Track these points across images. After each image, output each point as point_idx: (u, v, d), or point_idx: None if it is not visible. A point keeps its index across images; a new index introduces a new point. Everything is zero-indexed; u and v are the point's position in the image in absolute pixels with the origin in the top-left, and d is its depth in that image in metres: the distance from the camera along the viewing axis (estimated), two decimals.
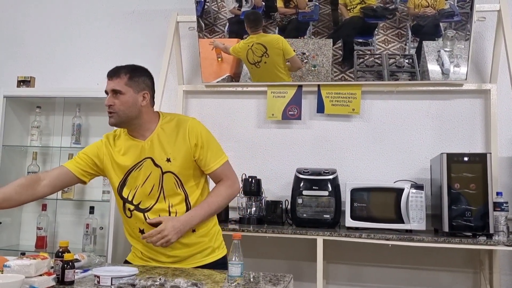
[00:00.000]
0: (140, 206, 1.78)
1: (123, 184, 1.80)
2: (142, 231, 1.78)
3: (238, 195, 2.86)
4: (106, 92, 1.80)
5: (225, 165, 1.85)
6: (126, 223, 1.85)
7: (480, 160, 2.44)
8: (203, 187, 1.87)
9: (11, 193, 1.75)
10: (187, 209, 1.79)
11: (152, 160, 1.78)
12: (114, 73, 1.79)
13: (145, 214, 1.77)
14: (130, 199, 1.79)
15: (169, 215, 1.77)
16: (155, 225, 1.71)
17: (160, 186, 1.77)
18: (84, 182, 1.89)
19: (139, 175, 1.78)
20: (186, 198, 1.80)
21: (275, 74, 3.08)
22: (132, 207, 1.79)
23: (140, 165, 1.78)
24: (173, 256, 1.79)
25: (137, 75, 1.81)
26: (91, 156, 1.85)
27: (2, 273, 1.24)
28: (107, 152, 1.84)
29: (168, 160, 1.77)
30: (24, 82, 3.21)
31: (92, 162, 1.85)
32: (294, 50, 3.03)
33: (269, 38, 3.05)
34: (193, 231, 1.80)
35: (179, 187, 1.78)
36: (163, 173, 1.77)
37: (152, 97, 1.86)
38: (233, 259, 1.49)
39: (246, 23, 3.08)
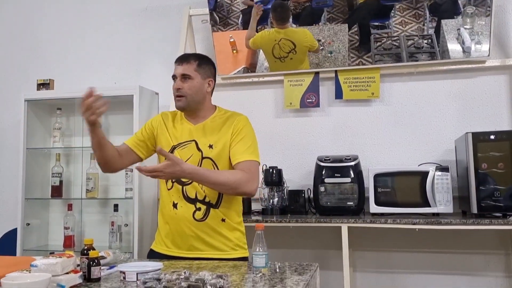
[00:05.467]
0: (181, 179, 1.82)
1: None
2: (175, 206, 1.83)
3: (260, 186, 2.85)
4: (174, 77, 1.89)
5: (253, 163, 1.83)
6: (164, 198, 1.89)
7: (507, 138, 2.38)
8: None
9: (113, 151, 1.87)
10: (219, 198, 1.83)
11: (196, 143, 1.86)
12: (184, 59, 1.89)
13: (184, 187, 1.83)
14: None
15: (203, 198, 1.81)
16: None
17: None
18: (141, 159, 1.95)
19: (181, 153, 1.85)
20: None
21: (298, 68, 3.06)
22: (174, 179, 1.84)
23: (185, 145, 1.87)
24: (194, 239, 1.81)
25: (204, 63, 1.92)
26: (148, 128, 1.95)
27: (29, 272, 1.26)
28: (163, 125, 1.93)
29: (210, 146, 1.84)
30: (44, 85, 3.26)
31: (150, 133, 1.93)
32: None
33: (297, 35, 2.99)
34: (223, 220, 1.83)
35: None
36: (202, 157, 1.84)
37: (214, 86, 1.96)
38: (257, 250, 1.48)
39: (272, 16, 3.02)
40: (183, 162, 1.70)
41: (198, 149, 1.85)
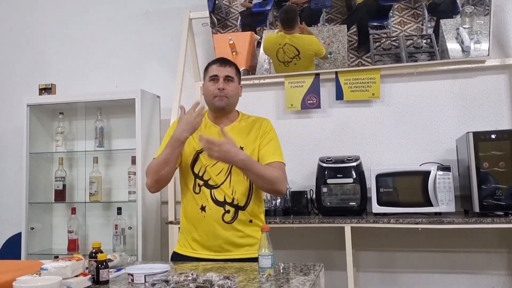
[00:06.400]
0: (209, 183, 1.87)
1: (195, 160, 1.90)
2: (203, 208, 1.85)
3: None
4: (214, 77, 1.91)
5: (282, 165, 1.91)
6: (188, 201, 1.90)
7: (508, 137, 2.39)
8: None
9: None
10: (247, 200, 1.86)
11: None
12: (226, 62, 1.95)
13: (212, 191, 1.86)
14: (200, 174, 1.88)
15: (232, 201, 1.84)
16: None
17: (229, 171, 1.86)
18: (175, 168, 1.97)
19: None
20: (250, 188, 1.88)
21: None
22: (201, 183, 1.87)
23: None
24: (223, 241, 1.83)
25: (238, 69, 2.00)
26: None
27: (40, 276, 1.27)
28: None
29: (241, 148, 1.86)
30: (46, 89, 3.27)
31: None
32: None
33: (302, 42, 2.99)
34: (250, 221, 1.87)
35: (246, 176, 1.86)
36: None
37: None
38: (263, 251, 1.49)
39: (279, 20, 3.03)
40: (239, 149, 1.76)
41: None
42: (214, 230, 1.83)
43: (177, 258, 1.90)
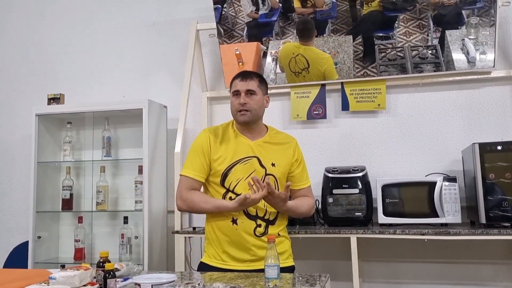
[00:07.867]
0: None
1: (226, 174, 1.92)
2: (235, 221, 1.89)
3: None
4: (236, 92, 1.96)
5: (310, 187, 2.13)
6: (219, 213, 1.91)
7: None
8: None
9: None
10: (276, 216, 1.96)
11: (259, 160, 1.93)
12: (247, 75, 2.00)
13: None
14: (231, 188, 1.91)
15: (264, 214, 1.92)
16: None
17: None
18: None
19: (243, 169, 1.91)
20: None
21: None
22: (234, 196, 1.90)
23: (247, 161, 1.93)
24: (253, 253, 1.88)
25: (263, 80, 2.06)
26: (205, 153, 1.96)
27: (48, 284, 1.28)
28: (213, 144, 1.96)
29: (273, 164, 1.95)
30: (54, 99, 3.31)
31: (208, 156, 1.96)
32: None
33: (315, 56, 3.01)
34: (278, 235, 1.94)
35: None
36: (266, 174, 1.93)
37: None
38: (269, 261, 1.50)
39: (295, 30, 3.05)
40: (286, 201, 1.88)
41: (262, 165, 1.93)
42: (245, 243, 1.88)
43: (206, 268, 1.92)
